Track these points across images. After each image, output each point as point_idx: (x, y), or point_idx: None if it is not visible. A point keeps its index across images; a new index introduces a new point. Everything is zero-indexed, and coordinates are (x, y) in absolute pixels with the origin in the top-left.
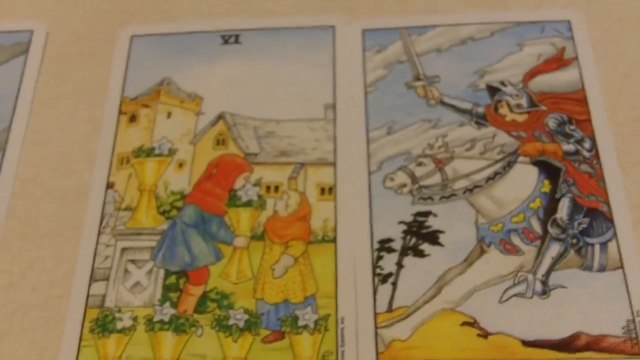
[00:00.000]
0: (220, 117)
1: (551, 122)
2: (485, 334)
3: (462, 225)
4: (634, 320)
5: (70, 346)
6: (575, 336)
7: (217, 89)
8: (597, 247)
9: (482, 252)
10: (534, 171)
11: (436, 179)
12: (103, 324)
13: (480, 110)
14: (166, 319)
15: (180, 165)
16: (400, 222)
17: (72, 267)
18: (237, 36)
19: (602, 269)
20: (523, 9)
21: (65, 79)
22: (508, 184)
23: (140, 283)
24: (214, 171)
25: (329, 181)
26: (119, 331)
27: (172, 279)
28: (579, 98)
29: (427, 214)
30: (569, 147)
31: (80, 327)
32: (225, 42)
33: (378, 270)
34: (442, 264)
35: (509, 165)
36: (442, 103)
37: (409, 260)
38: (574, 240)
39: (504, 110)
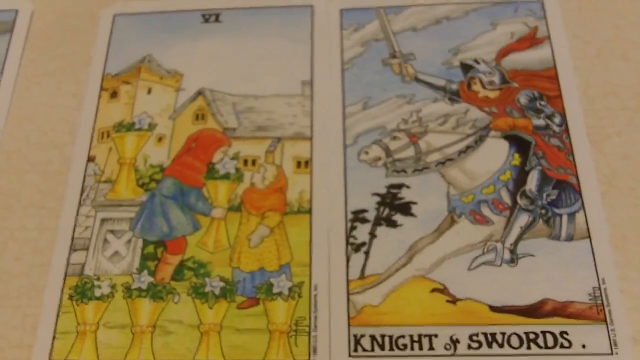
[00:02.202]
0: (200, 93)
1: (522, 98)
2: (454, 300)
3: (434, 197)
4: (599, 287)
5: (50, 312)
6: (543, 302)
7: (198, 66)
8: (565, 217)
9: (453, 222)
10: (504, 145)
11: (410, 152)
12: (82, 291)
13: (454, 87)
14: (144, 286)
15: (160, 139)
16: (374, 194)
17: (54, 237)
18: (217, 15)
19: (570, 238)
20: None
21: (49, 57)
22: (479, 157)
23: (119, 252)
24: (193, 145)
25: (305, 155)
26: (98, 298)
27: (150, 249)
28: (550, 75)
29: (400, 186)
30: (540, 121)
31: (59, 294)
32: (206, 20)
33: (351, 240)
34: (413, 234)
35: (481, 139)
36: (417, 80)
37: (381, 230)
38: (543, 211)
39: (476, 86)
